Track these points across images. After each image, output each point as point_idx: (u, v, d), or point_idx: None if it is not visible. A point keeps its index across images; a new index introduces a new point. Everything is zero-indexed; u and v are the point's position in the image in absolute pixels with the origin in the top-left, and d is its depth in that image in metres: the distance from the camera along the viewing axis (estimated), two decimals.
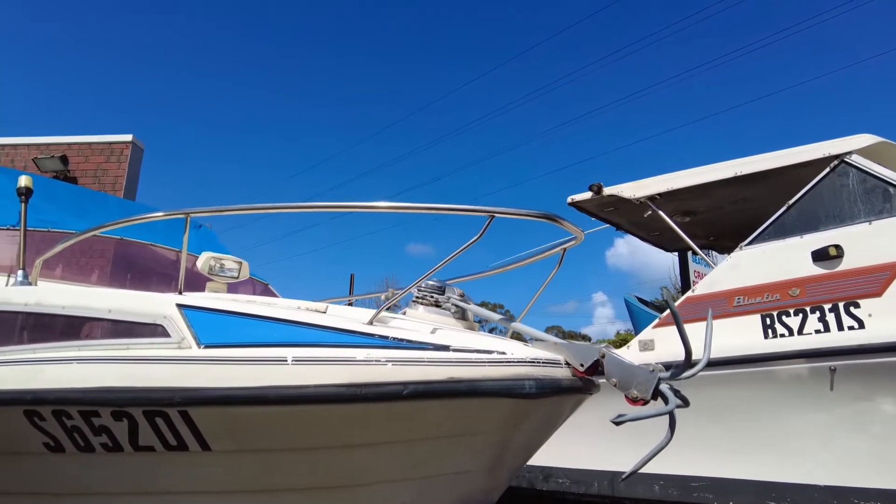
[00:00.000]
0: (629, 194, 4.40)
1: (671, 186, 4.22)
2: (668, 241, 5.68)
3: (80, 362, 1.93)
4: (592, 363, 1.69)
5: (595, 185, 4.49)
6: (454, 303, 2.09)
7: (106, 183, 9.11)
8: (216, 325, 1.85)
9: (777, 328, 3.44)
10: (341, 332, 1.70)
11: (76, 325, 2.12)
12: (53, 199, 3.87)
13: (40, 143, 9.26)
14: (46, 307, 2.22)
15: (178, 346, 1.84)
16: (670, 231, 4.62)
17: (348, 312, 2.12)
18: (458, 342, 1.66)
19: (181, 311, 1.89)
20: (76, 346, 2.05)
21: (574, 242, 2.14)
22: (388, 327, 1.78)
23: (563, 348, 1.75)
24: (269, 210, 2.12)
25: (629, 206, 4.59)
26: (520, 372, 1.61)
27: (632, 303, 4.84)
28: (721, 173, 4.02)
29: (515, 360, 1.62)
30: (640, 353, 3.92)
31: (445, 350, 1.63)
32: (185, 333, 1.84)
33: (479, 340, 1.72)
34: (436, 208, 1.89)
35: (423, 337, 1.69)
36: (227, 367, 1.71)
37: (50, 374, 1.98)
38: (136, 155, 9.50)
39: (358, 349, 1.64)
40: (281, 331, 1.74)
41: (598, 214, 5.02)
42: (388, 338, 1.68)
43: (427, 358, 1.60)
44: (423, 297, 2.15)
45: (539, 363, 1.65)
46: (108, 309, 2.03)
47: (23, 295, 2.34)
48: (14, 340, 2.28)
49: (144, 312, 1.95)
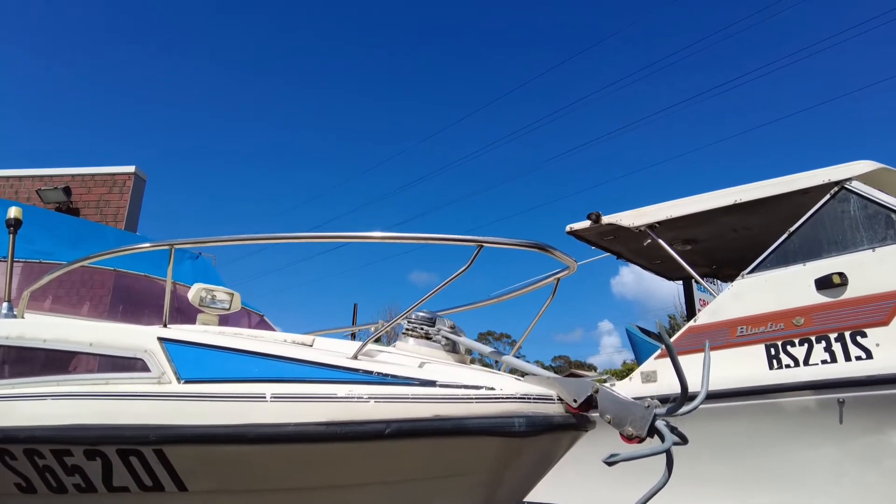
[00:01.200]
0: (628, 223, 4.35)
1: (670, 214, 4.18)
2: (670, 270, 5.61)
3: (54, 398, 1.87)
4: (586, 399, 1.62)
5: (593, 214, 4.44)
6: (444, 335, 2.03)
7: (108, 214, 9.14)
8: (198, 360, 1.79)
9: (782, 358, 3.35)
10: (323, 367, 1.64)
11: (58, 360, 2.07)
12: (50, 230, 3.85)
13: (44, 175, 9.33)
14: (28, 340, 2.16)
15: (157, 381, 1.77)
16: (671, 260, 4.56)
17: (335, 346, 2.06)
18: (445, 377, 1.60)
19: (162, 345, 1.83)
20: (55, 382, 1.99)
21: (567, 272, 2.08)
22: (374, 361, 1.72)
23: (555, 383, 1.68)
24: (256, 241, 2.07)
25: (628, 234, 4.54)
26: (509, 409, 1.54)
27: (634, 333, 4.74)
28: (721, 201, 3.97)
29: (504, 397, 1.54)
30: (643, 384, 3.83)
31: (432, 386, 1.56)
32: (165, 368, 1.78)
33: (467, 375, 1.65)
34: (425, 238, 1.84)
35: (409, 372, 1.62)
36: (206, 404, 1.65)
37: (24, 411, 1.92)
38: (138, 186, 9.55)
39: (340, 385, 1.57)
40: (262, 365, 1.68)
41: (597, 243, 4.97)
42: (372, 373, 1.61)
43: (412, 394, 1.53)
44: (413, 328, 2.09)
45: (530, 399, 1.58)
46: (90, 342, 1.98)
47: (5, 328, 2.29)
48: None
49: (125, 346, 1.89)
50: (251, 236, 2.07)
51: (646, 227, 4.30)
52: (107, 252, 2.15)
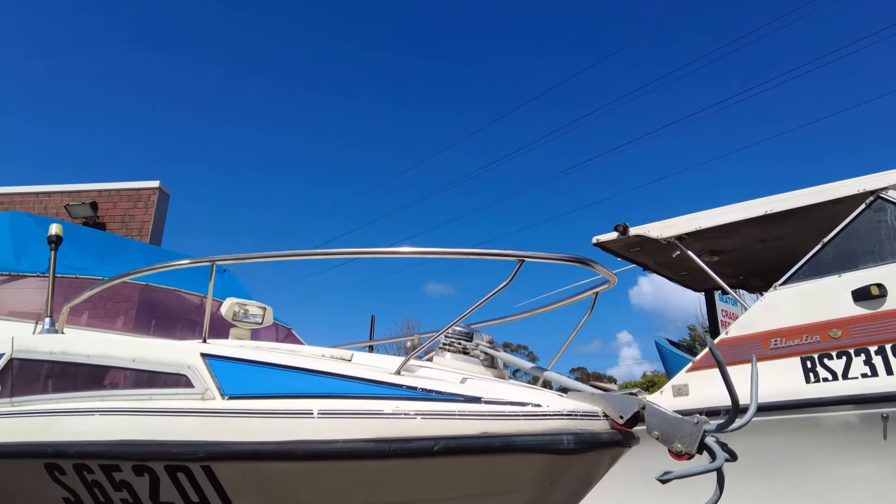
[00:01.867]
0: (656, 234, 4.32)
1: (699, 226, 4.14)
2: (696, 281, 5.56)
3: (101, 414, 1.89)
4: (632, 415, 1.60)
5: (621, 226, 4.42)
6: (483, 350, 2.02)
7: (133, 228, 9.28)
8: (240, 375, 1.81)
9: (819, 372, 3.28)
10: (368, 383, 1.64)
11: (100, 375, 2.10)
12: (80, 245, 3.92)
13: (71, 191, 9.52)
14: (72, 356, 2.20)
15: (201, 397, 1.79)
16: (699, 271, 4.51)
17: (374, 360, 2.07)
18: (489, 393, 1.59)
19: (205, 361, 1.85)
20: (99, 397, 2.02)
21: (607, 286, 2.07)
22: (416, 377, 1.72)
23: (600, 399, 1.66)
24: (293, 257, 2.10)
25: (656, 245, 4.51)
26: (557, 426, 1.53)
27: (663, 346, 4.69)
28: (750, 211, 3.93)
29: (552, 414, 1.53)
30: (674, 398, 3.77)
31: (477, 402, 1.56)
32: (208, 384, 1.80)
33: (511, 391, 1.64)
34: (463, 253, 1.84)
35: (452, 388, 1.62)
36: (252, 420, 1.66)
37: (72, 426, 1.95)
38: (162, 200, 9.69)
39: (386, 401, 1.57)
40: (306, 381, 1.69)
41: (624, 255, 4.94)
42: (416, 388, 1.61)
43: (458, 411, 1.52)
44: (451, 343, 2.09)
45: (576, 416, 1.57)
46: (132, 358, 2.00)
47: (49, 343, 2.33)
48: (39, 389, 2.26)
49: (168, 362, 1.91)
50: (289, 252, 2.09)
51: (674, 238, 4.27)
52: (149, 268, 2.19)
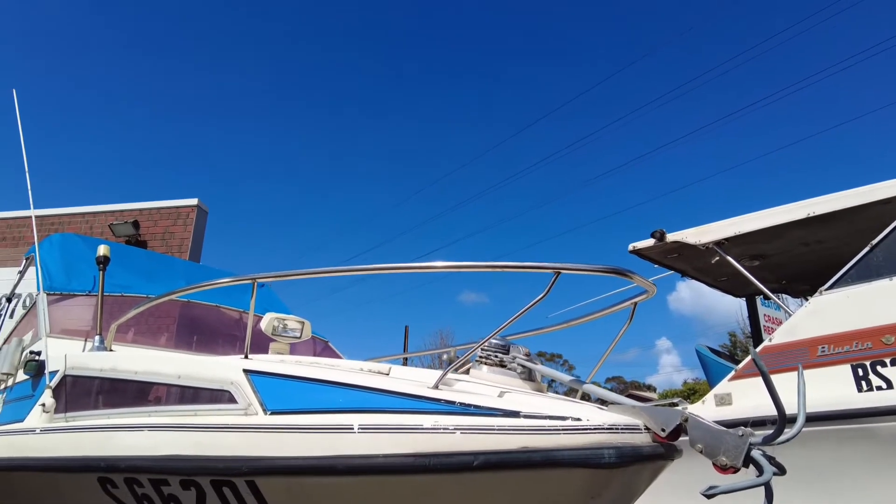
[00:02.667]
0: (694, 240, 4.24)
1: (739, 230, 4.05)
2: (737, 287, 5.42)
3: (150, 429, 1.95)
4: (675, 428, 1.57)
5: (657, 232, 4.36)
6: (520, 363, 2.01)
7: (173, 245, 9.55)
8: (282, 391, 1.84)
9: (872, 380, 3.15)
10: (407, 397, 1.65)
11: (147, 391, 2.16)
12: (126, 263, 4.05)
13: (115, 210, 9.87)
14: (121, 373, 2.28)
15: (244, 412, 1.83)
16: (739, 276, 4.40)
17: (412, 374, 2.08)
18: (528, 407, 1.58)
19: (248, 377, 1.89)
20: (147, 412, 2.09)
21: (645, 296, 2.04)
22: (454, 391, 1.72)
23: (641, 412, 1.64)
24: (330, 273, 2.12)
25: (694, 251, 4.42)
26: (598, 440, 1.51)
27: (704, 354, 4.58)
28: (792, 214, 3.82)
29: (592, 428, 1.52)
30: (717, 407, 3.68)
31: (516, 416, 1.55)
32: (251, 399, 1.84)
33: (551, 405, 1.63)
34: (498, 266, 1.84)
35: (491, 402, 1.62)
36: (294, 436, 1.69)
37: (123, 441, 2.01)
38: (200, 218, 9.96)
39: (425, 415, 1.58)
40: (346, 396, 1.71)
41: (661, 261, 4.86)
42: (454, 403, 1.61)
43: (497, 425, 1.52)
44: (487, 356, 2.08)
45: (618, 429, 1.55)
46: (178, 375, 2.06)
47: (99, 360, 2.42)
48: (91, 405, 2.34)
49: (212, 378, 1.96)
50: (326, 269, 2.12)
51: (713, 243, 4.18)
52: (193, 287, 2.25)
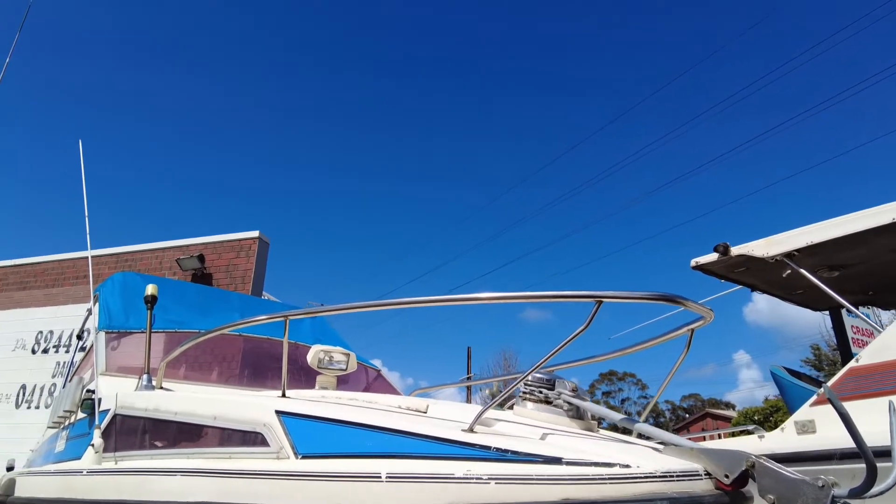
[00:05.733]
0: (761, 252, 3.93)
1: (811, 240, 3.71)
2: (815, 300, 4.99)
3: (183, 475, 1.92)
4: (740, 474, 1.38)
5: (721, 246, 4.07)
6: (566, 399, 1.86)
7: (236, 277, 9.85)
8: (314, 433, 1.77)
9: None
10: (438, 442, 1.53)
11: (186, 432, 2.14)
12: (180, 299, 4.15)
13: (181, 245, 10.31)
14: (162, 413, 2.28)
15: (276, 456, 1.77)
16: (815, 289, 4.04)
17: (450, 412, 1.96)
18: (572, 453, 1.43)
19: (280, 419, 1.83)
20: (185, 455, 2.06)
21: (703, 322, 1.84)
22: (492, 434, 1.59)
23: (701, 455, 1.45)
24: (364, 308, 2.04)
25: (762, 265, 4.10)
26: (649, 489, 1.34)
27: (780, 376, 4.21)
28: (874, 220, 3.47)
29: (643, 476, 1.35)
30: (799, 436, 3.35)
31: (557, 463, 1.41)
32: (283, 442, 1.77)
33: (596, 450, 1.48)
34: (537, 296, 1.71)
35: (531, 447, 1.48)
36: (322, 484, 1.60)
37: (159, 486, 1.99)
38: (262, 249, 10.24)
39: (457, 462, 1.46)
40: (376, 439, 1.61)
41: (727, 276, 4.53)
42: (490, 448, 1.48)
43: (536, 475, 1.38)
44: (531, 392, 1.94)
45: (673, 477, 1.37)
46: (214, 416, 2.03)
47: (144, 400, 2.43)
48: (136, 445, 2.35)
49: (245, 420, 1.92)
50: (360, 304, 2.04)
51: (782, 256, 3.86)
52: (230, 325, 2.23)
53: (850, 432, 1.29)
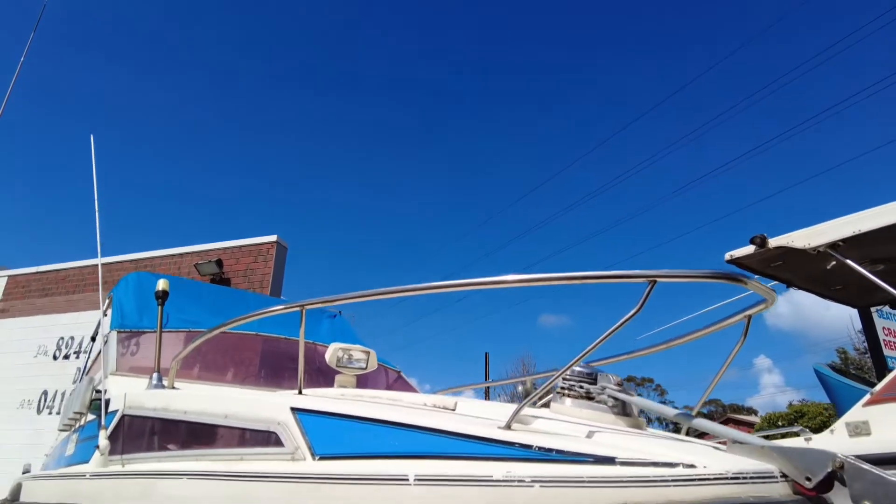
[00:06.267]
0: (802, 243, 3.69)
1: (859, 229, 3.47)
2: (854, 295, 4.72)
3: (189, 477, 1.77)
4: (825, 476, 1.19)
5: (758, 238, 3.84)
6: (611, 394, 1.68)
7: (254, 281, 9.78)
8: (333, 432, 1.61)
9: None
10: (473, 440, 1.36)
11: (195, 432, 2.00)
12: (196, 299, 4.03)
13: (200, 251, 10.28)
14: (171, 412, 2.14)
15: (291, 457, 1.61)
16: (857, 284, 3.81)
17: (481, 409, 1.79)
18: (625, 451, 1.25)
19: (295, 417, 1.67)
20: (194, 456, 1.91)
21: (764, 306, 1.65)
22: (531, 432, 1.42)
23: (775, 454, 1.26)
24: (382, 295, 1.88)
25: (803, 257, 3.86)
26: (720, 493, 1.16)
27: (826, 374, 3.96)
28: None
29: (712, 477, 1.16)
30: (852, 438, 3.10)
31: (610, 463, 1.23)
32: (298, 442, 1.61)
33: (654, 448, 1.30)
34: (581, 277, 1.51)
35: (577, 445, 1.30)
36: (343, 487, 1.44)
37: (166, 490, 1.84)
38: (280, 254, 10.17)
39: (495, 462, 1.28)
40: (402, 438, 1.45)
41: (763, 271, 4.29)
42: (531, 447, 1.31)
43: (587, 476, 1.20)
44: (571, 386, 1.76)
45: (745, 479, 1.18)
46: (224, 414, 1.88)
47: (153, 399, 2.29)
48: (144, 447, 2.21)
49: (258, 418, 1.76)
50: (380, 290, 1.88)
51: (825, 246, 3.62)
52: (241, 318, 2.08)
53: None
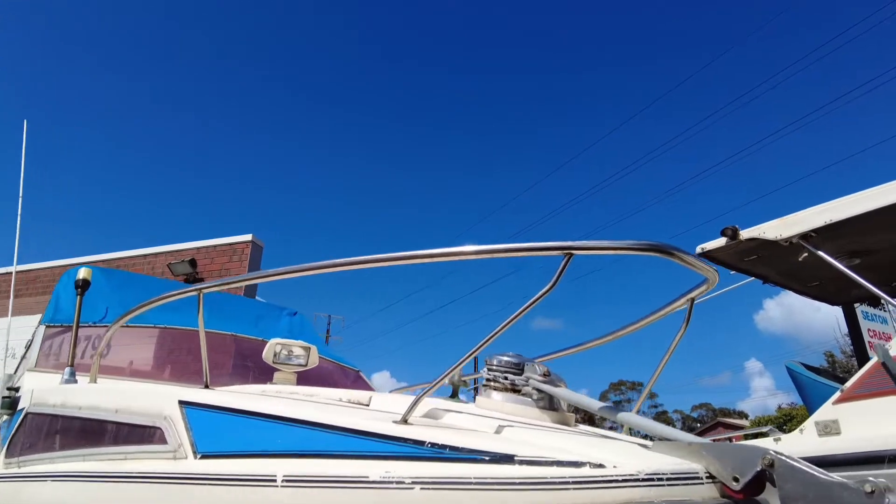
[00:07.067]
0: (774, 234, 3.53)
1: (831, 218, 3.31)
2: (832, 292, 4.57)
3: (71, 480, 1.58)
4: (754, 476, 1.02)
5: (729, 229, 3.67)
6: (535, 386, 1.50)
7: None
8: (219, 428, 1.42)
9: None
10: (361, 437, 1.18)
11: (87, 429, 1.80)
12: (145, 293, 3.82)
13: (173, 250, 10.04)
14: (69, 408, 1.94)
15: (173, 455, 1.42)
16: (834, 278, 3.67)
17: (395, 405, 1.61)
18: (529, 449, 1.07)
19: (183, 411, 1.49)
20: (82, 456, 1.72)
21: (705, 288, 1.48)
22: (433, 427, 1.24)
23: (703, 452, 1.09)
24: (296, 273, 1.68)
25: (776, 250, 3.69)
26: (629, 496, 0.98)
27: (798, 371, 3.80)
28: None
29: (620, 479, 0.99)
30: (821, 438, 2.94)
31: (509, 462, 1.05)
32: (182, 439, 1.43)
33: (564, 445, 1.12)
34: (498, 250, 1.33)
35: (478, 442, 1.12)
36: (216, 489, 1.26)
37: (49, 495, 1.65)
38: (255, 253, 9.94)
39: (377, 461, 1.10)
40: (283, 435, 1.26)
41: (737, 266, 4.13)
42: (424, 444, 1.13)
43: (476, 477, 1.02)
44: (495, 378, 1.59)
45: (661, 480, 1.01)
46: (115, 409, 1.69)
47: (55, 395, 2.10)
48: (40, 447, 2.01)
49: (146, 412, 1.58)
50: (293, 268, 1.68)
51: (798, 237, 3.45)
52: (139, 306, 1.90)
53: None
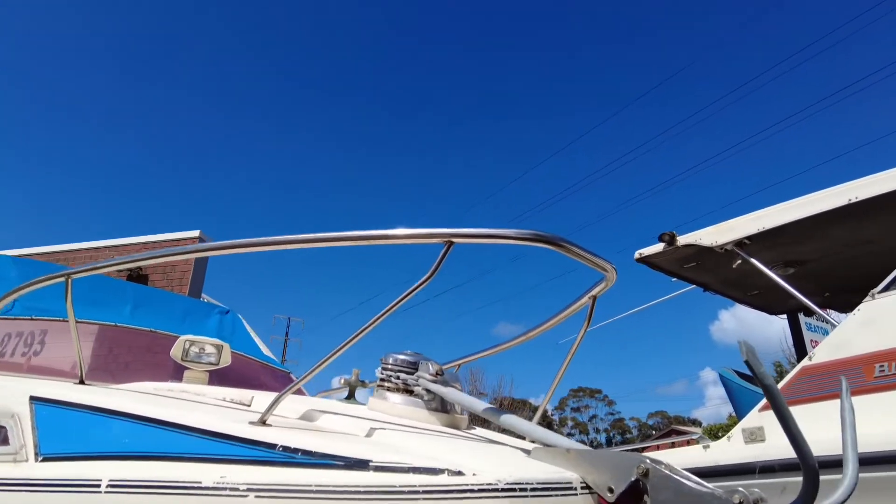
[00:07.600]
0: (710, 241, 3.54)
1: (764, 226, 3.34)
2: (771, 302, 4.63)
3: None
4: (628, 486, 0.93)
5: (666, 235, 3.66)
6: (425, 386, 1.40)
7: (174, 278, 9.21)
8: (68, 427, 1.28)
9: None
10: (207, 438, 1.06)
11: None
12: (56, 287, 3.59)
13: (117, 245, 9.65)
14: None
15: (13, 458, 1.27)
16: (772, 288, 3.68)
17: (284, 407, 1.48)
18: (387, 455, 0.97)
19: (32, 408, 1.34)
20: None
21: (604, 285, 1.40)
22: (293, 430, 1.13)
23: (579, 459, 1.01)
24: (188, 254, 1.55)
25: (713, 257, 3.71)
26: None
27: (729, 378, 3.81)
28: (830, 202, 3.10)
29: (477, 488, 0.89)
30: (747, 445, 2.94)
31: (363, 468, 0.94)
32: (26, 440, 1.28)
33: (430, 450, 1.02)
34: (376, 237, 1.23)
35: (335, 446, 1.01)
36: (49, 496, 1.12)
37: None
38: None
39: (217, 465, 0.99)
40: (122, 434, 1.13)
41: (677, 273, 4.13)
42: (275, 447, 1.01)
43: (318, 484, 0.91)
44: (388, 377, 1.48)
45: (525, 491, 0.92)
46: None
47: None
48: None
49: None
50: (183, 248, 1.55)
51: (733, 244, 3.47)
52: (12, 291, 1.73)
53: (781, 418, 0.85)
